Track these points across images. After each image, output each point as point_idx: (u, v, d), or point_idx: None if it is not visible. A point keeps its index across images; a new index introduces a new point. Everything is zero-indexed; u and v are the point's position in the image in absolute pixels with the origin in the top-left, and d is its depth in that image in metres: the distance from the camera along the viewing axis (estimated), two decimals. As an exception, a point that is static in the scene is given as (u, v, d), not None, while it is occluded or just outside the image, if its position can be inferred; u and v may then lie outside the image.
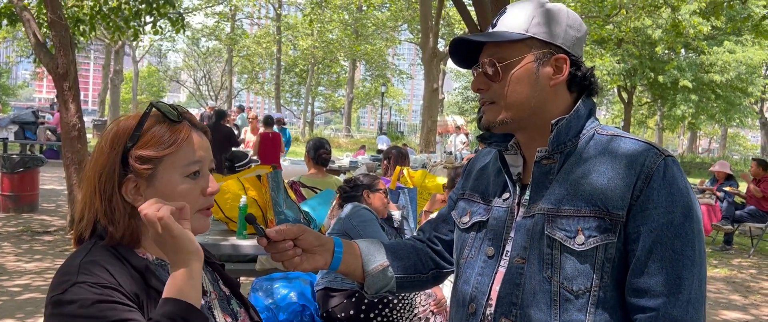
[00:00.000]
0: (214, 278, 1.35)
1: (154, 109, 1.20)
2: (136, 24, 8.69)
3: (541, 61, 1.28)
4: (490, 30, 1.34)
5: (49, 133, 14.12)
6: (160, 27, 9.21)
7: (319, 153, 5.01)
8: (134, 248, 1.19)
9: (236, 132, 11.59)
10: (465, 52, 1.37)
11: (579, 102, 1.32)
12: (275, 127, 11.70)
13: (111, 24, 8.59)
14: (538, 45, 1.28)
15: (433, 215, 2.11)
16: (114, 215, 1.16)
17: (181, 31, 9.23)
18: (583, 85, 1.33)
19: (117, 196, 1.16)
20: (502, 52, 1.29)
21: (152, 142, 1.17)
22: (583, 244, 1.21)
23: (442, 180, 5.68)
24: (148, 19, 8.89)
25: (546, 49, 1.29)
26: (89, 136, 9.25)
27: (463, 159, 11.91)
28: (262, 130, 10.33)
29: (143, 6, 8.46)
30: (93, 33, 8.97)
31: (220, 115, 9.52)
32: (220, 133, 9.05)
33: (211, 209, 1.24)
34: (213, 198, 1.23)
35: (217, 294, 1.30)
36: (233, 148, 8.92)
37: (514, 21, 1.30)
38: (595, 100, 1.38)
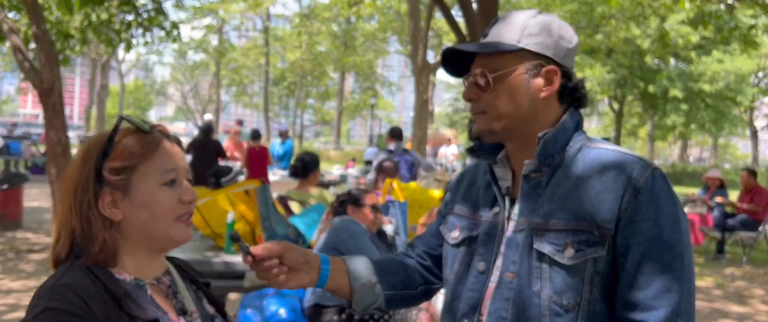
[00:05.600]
0: (198, 296, 1.34)
1: (124, 121, 1.21)
2: (128, 35, 8.63)
3: (532, 72, 1.29)
4: (482, 40, 1.34)
5: (34, 149, 13.97)
6: (150, 38, 9.16)
7: (291, 165, 4.99)
8: (111, 267, 1.17)
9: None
10: (457, 61, 1.37)
11: (565, 114, 1.32)
12: (279, 141, 11.65)
13: (102, 37, 8.53)
14: (530, 56, 1.29)
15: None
16: (91, 229, 1.15)
17: (176, 40, 9.22)
18: (574, 97, 1.33)
19: (94, 210, 1.15)
20: (493, 62, 1.29)
21: (125, 152, 1.18)
22: (572, 257, 1.22)
23: (435, 192, 5.63)
24: (138, 32, 8.84)
25: (537, 61, 1.29)
26: (74, 151, 9.16)
27: (454, 171, 11.87)
28: (249, 144, 10.26)
29: (132, 17, 8.40)
30: (84, 47, 8.90)
31: (208, 130, 9.47)
32: (209, 147, 8.99)
33: (191, 217, 1.24)
34: (193, 206, 1.24)
35: (199, 313, 1.28)
36: (220, 163, 8.84)
37: (506, 32, 1.30)
38: (582, 112, 1.38)
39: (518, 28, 1.29)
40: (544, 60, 1.29)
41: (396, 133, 7.55)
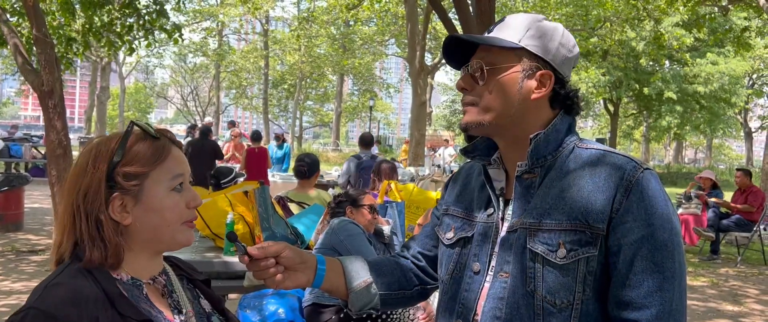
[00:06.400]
0: (194, 294, 1.35)
1: (135, 127, 1.22)
2: (130, 38, 8.67)
3: (527, 73, 1.30)
4: (486, 34, 1.36)
5: (35, 151, 13.98)
6: (153, 39, 9.19)
7: (296, 166, 5.03)
8: (114, 269, 1.18)
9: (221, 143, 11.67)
10: (458, 52, 1.38)
11: (557, 117, 1.33)
12: (274, 144, 11.73)
13: (103, 40, 8.56)
14: (528, 57, 1.30)
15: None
16: (103, 234, 1.15)
17: (178, 42, 9.26)
18: (565, 104, 1.35)
19: (105, 214, 1.16)
20: (492, 56, 1.31)
21: (137, 158, 1.18)
22: (564, 257, 1.23)
23: (433, 194, 5.69)
24: (140, 34, 8.87)
25: (534, 63, 1.30)
26: (75, 154, 9.19)
27: (451, 172, 11.92)
28: (248, 145, 10.33)
29: (134, 19, 8.44)
30: (86, 50, 8.94)
31: (206, 132, 9.53)
32: (207, 148, 9.04)
33: (194, 220, 1.27)
34: (195, 210, 1.26)
35: (194, 311, 1.29)
36: (218, 164, 8.90)
37: (510, 30, 1.32)
38: (575, 117, 1.39)
39: (522, 28, 1.31)
40: (541, 63, 1.30)
41: (364, 140, 7.85)
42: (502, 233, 1.32)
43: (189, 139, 10.98)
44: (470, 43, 1.35)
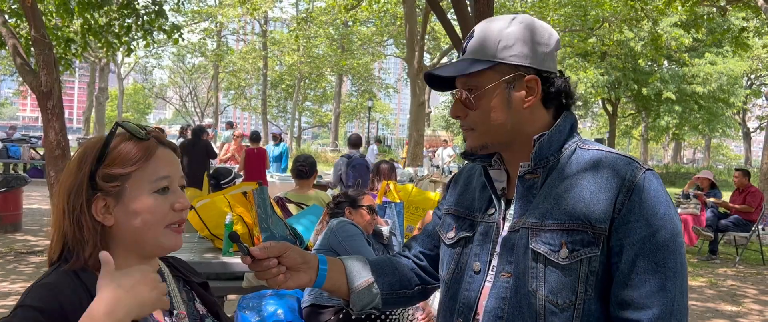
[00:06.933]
0: (190, 296, 1.33)
1: (120, 128, 1.22)
2: (128, 39, 8.65)
3: (512, 85, 1.30)
4: (461, 56, 1.36)
5: (33, 151, 13.96)
6: (151, 40, 9.18)
7: (295, 166, 5.04)
8: (98, 270, 1.16)
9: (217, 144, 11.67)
10: (441, 78, 1.38)
11: (560, 117, 1.33)
12: (271, 143, 11.76)
13: (102, 41, 8.55)
14: (508, 69, 1.29)
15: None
16: (83, 234, 1.16)
17: (178, 42, 9.27)
18: (559, 100, 1.34)
19: (86, 215, 1.16)
20: (472, 81, 1.31)
21: (119, 159, 1.18)
22: (567, 257, 1.23)
23: (432, 194, 5.69)
24: (138, 35, 8.86)
25: (516, 73, 1.29)
26: (73, 154, 9.18)
27: (450, 172, 11.93)
28: (247, 145, 10.32)
29: (132, 19, 8.43)
30: (85, 51, 8.94)
31: (198, 132, 9.52)
32: (199, 148, 9.03)
33: (182, 225, 1.24)
34: (184, 214, 1.24)
35: (187, 313, 1.27)
36: (216, 165, 8.89)
37: (482, 47, 1.31)
38: (576, 114, 1.39)
39: (493, 42, 1.30)
40: (523, 70, 1.29)
41: (352, 141, 8.22)
42: (504, 232, 1.33)
43: (182, 140, 10.97)
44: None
